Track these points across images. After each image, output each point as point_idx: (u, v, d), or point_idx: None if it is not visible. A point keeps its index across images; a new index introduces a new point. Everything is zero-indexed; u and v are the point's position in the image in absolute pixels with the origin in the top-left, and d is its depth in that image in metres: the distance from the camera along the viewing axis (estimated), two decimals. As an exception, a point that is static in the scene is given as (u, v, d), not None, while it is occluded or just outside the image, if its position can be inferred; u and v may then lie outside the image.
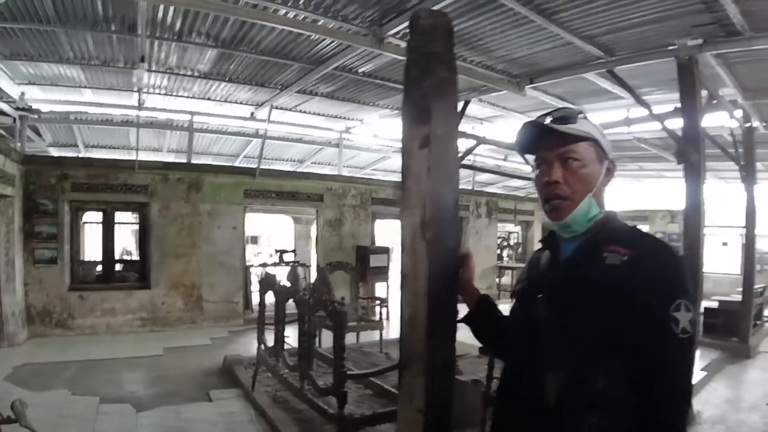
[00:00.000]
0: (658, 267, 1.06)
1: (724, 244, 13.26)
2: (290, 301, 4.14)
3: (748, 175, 6.54)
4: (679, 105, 5.04)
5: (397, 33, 5.18)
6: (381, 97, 7.54)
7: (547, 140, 1.18)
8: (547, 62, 5.87)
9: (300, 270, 8.25)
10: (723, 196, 12.80)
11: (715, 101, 5.47)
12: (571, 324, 1.08)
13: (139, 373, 5.21)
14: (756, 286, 6.96)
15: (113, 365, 5.51)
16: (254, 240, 18.34)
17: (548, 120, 1.19)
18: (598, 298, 1.05)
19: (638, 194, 15.31)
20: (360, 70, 6.33)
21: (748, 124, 6.54)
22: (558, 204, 1.17)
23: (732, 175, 10.37)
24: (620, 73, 5.49)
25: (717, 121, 6.78)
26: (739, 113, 6.34)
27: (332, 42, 5.55)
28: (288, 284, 4.36)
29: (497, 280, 11.65)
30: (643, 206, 14.20)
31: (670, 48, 4.91)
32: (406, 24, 1.57)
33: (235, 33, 5.42)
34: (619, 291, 1.03)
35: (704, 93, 5.07)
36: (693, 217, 4.60)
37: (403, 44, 5.09)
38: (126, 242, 11.60)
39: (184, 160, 8.66)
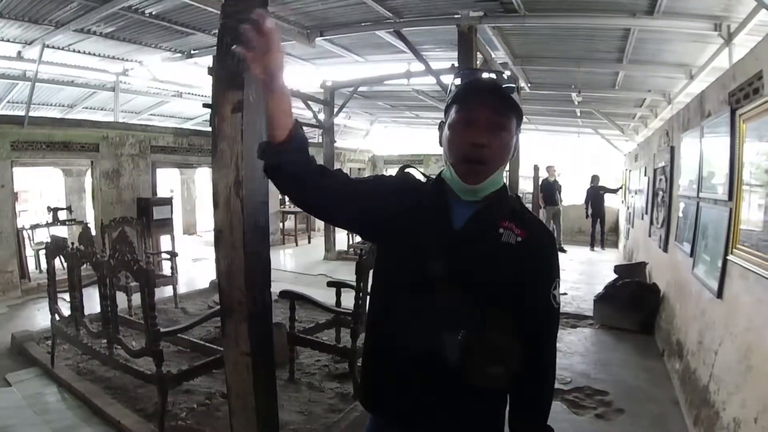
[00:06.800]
0: (543, 254, 1.23)
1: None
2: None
3: (514, 126, 7.90)
4: (456, 63, 5.86)
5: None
6: (165, 40, 6.78)
7: (487, 101, 1.16)
8: (339, 17, 5.95)
9: (92, 230, 7.32)
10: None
11: (488, 63, 6.45)
12: (470, 290, 1.15)
13: None
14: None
15: None
16: (15, 197, 15.35)
17: (503, 85, 1.19)
18: (496, 271, 1.17)
19: (414, 140, 17.04)
20: (147, 12, 5.62)
21: (515, 85, 7.87)
22: (478, 168, 1.17)
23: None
24: (405, 31, 5.95)
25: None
26: (507, 74, 7.55)
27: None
28: (81, 247, 3.91)
29: (281, 224, 11.89)
30: (419, 150, 15.64)
31: (455, 17, 5.43)
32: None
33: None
34: (513, 270, 1.17)
35: (479, 56, 5.92)
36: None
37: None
38: None
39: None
